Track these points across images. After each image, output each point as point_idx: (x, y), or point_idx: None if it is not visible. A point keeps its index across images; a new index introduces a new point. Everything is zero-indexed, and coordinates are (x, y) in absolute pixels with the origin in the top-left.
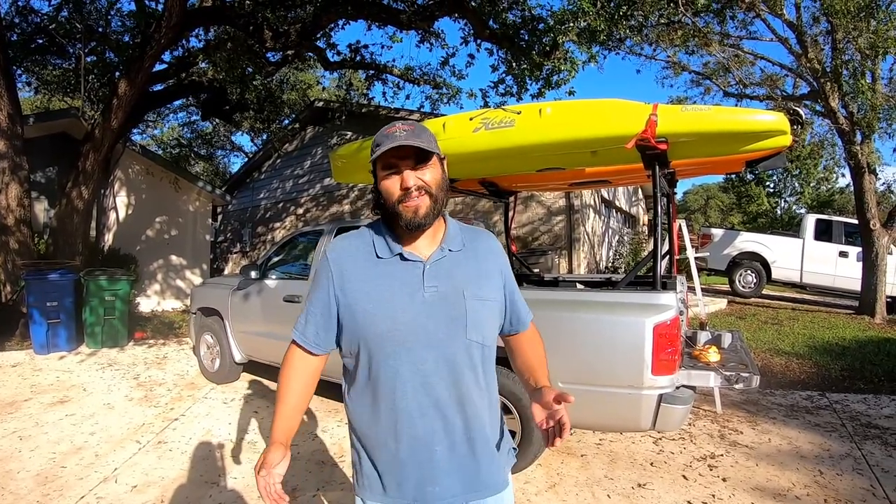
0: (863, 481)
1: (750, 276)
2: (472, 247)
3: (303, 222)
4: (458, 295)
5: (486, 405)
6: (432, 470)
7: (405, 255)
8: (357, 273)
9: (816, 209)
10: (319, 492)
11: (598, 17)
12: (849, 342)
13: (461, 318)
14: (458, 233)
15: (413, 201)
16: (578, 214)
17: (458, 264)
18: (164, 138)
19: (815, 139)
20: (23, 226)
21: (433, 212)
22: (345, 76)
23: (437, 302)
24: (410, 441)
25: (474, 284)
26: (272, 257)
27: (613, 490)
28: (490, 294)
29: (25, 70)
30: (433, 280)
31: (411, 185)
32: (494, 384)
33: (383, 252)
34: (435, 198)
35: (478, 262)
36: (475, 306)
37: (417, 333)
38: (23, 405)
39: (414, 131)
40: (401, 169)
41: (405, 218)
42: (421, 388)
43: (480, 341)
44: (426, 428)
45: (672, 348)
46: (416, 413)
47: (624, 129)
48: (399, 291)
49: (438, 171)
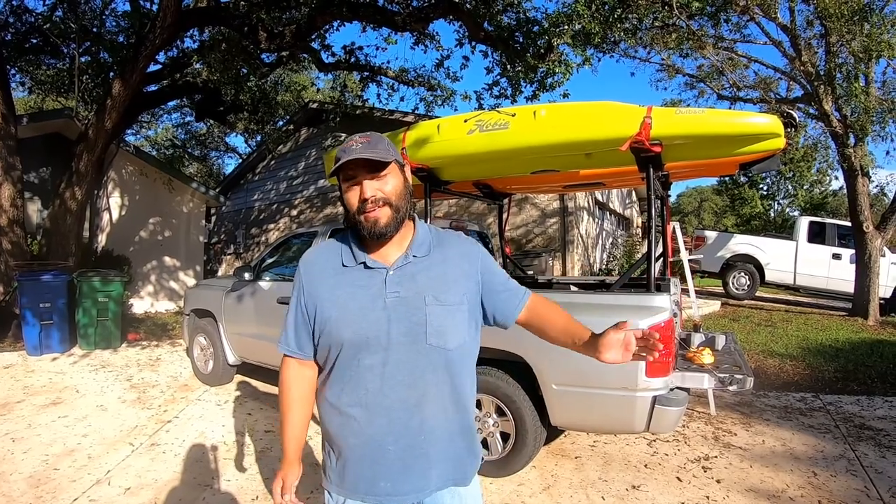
0: (857, 482)
1: (743, 279)
2: (439, 252)
3: (297, 224)
4: (419, 300)
5: (452, 408)
6: (385, 467)
7: (368, 263)
8: (324, 282)
9: (810, 212)
10: (313, 494)
11: (593, 19)
12: (842, 344)
13: (421, 323)
14: (427, 238)
15: (373, 213)
16: (572, 217)
17: (422, 270)
18: (158, 139)
19: (808, 142)
20: (16, 226)
21: (395, 221)
22: (339, 78)
23: (398, 307)
24: (366, 439)
25: (437, 290)
26: (266, 259)
27: (608, 492)
28: (454, 299)
29: (19, 70)
30: (395, 286)
31: (369, 196)
32: (465, 387)
33: (349, 261)
34: (396, 207)
35: (444, 266)
36: (436, 311)
37: (379, 338)
38: (15, 407)
39: (370, 143)
40: (359, 180)
41: (366, 228)
42: (381, 390)
43: (442, 346)
44: (382, 427)
45: (666, 350)
46: (375, 412)
47: (618, 131)
48: (362, 298)
49: (399, 180)
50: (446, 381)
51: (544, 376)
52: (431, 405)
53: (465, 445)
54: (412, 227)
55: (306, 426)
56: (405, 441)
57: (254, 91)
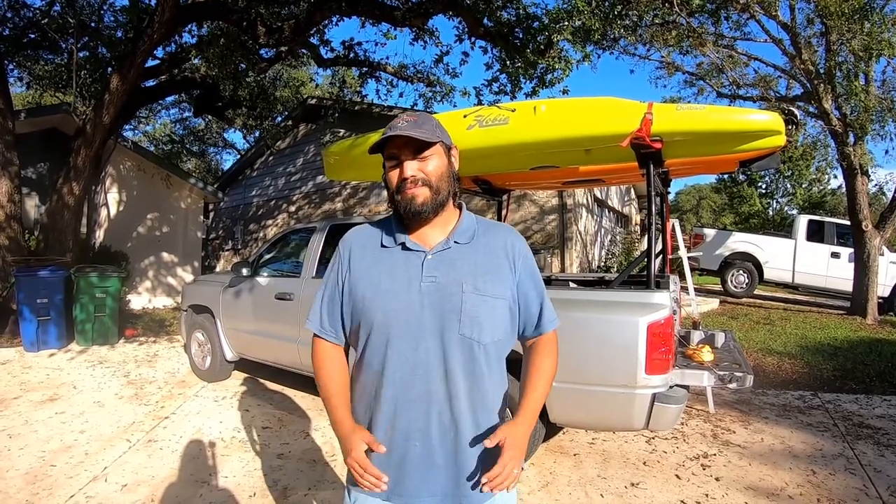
0: (855, 481)
1: (742, 277)
2: (483, 241)
3: (295, 220)
4: (456, 287)
5: (479, 406)
6: (411, 464)
7: (408, 245)
8: (363, 261)
9: (808, 210)
10: (311, 491)
11: (593, 16)
12: (840, 342)
13: (455, 311)
14: (472, 226)
15: (410, 190)
16: (571, 213)
17: (462, 257)
18: (156, 134)
19: (807, 140)
20: (13, 222)
21: (433, 202)
22: (338, 73)
23: (433, 293)
24: (391, 431)
25: (476, 278)
26: (264, 255)
27: (606, 489)
28: (494, 290)
29: (17, 65)
30: (432, 271)
31: (408, 176)
32: (497, 385)
33: (388, 242)
34: (436, 188)
35: (487, 256)
36: (472, 300)
37: (410, 323)
38: (12, 403)
39: (416, 122)
40: (401, 160)
41: (403, 206)
42: (409, 379)
43: (476, 338)
44: (409, 420)
45: (666, 348)
46: (402, 405)
47: (619, 127)
48: (398, 280)
49: (442, 162)
50: (476, 377)
51: None
52: (461, 402)
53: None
54: (458, 214)
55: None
56: (433, 436)
57: (252, 86)
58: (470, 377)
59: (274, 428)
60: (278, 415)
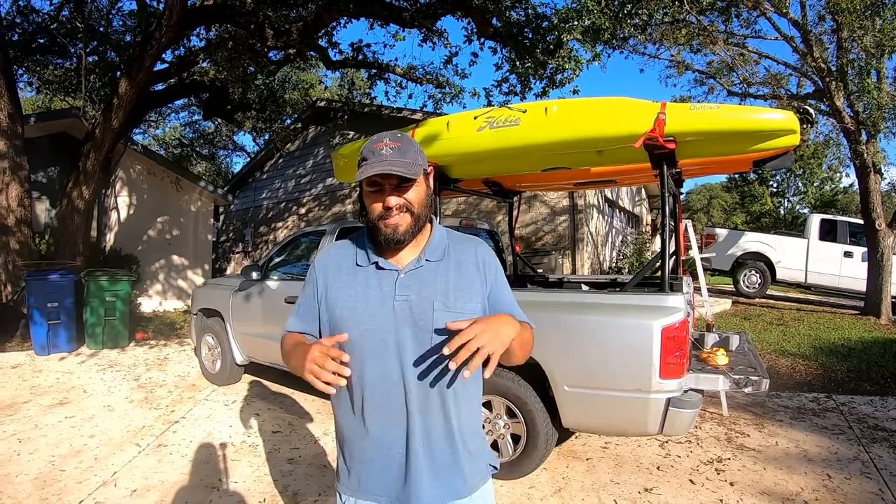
0: (871, 485)
1: (754, 277)
2: (455, 257)
3: (305, 222)
4: (427, 305)
5: (454, 417)
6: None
7: (381, 265)
8: (338, 280)
9: (820, 209)
10: (321, 496)
11: (603, 15)
12: (854, 343)
13: (428, 328)
14: (443, 242)
15: (393, 219)
16: (582, 214)
17: (434, 274)
18: (165, 138)
19: (819, 138)
20: (23, 226)
21: (413, 229)
22: (347, 75)
23: (405, 311)
24: (372, 441)
25: (447, 295)
26: (273, 258)
27: (620, 495)
28: (465, 306)
29: (26, 70)
30: (404, 290)
31: (393, 205)
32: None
33: (362, 261)
34: (417, 216)
35: (458, 272)
36: (443, 317)
37: (386, 340)
38: (22, 407)
39: (400, 148)
40: (384, 188)
41: (384, 234)
42: (386, 393)
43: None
44: (387, 432)
45: (680, 351)
46: (380, 416)
47: (632, 127)
48: (372, 299)
49: (422, 189)
50: (449, 389)
51: (556, 378)
52: (435, 412)
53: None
54: (429, 229)
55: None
56: (410, 447)
57: (261, 89)
58: (443, 391)
59: (284, 432)
60: (288, 419)
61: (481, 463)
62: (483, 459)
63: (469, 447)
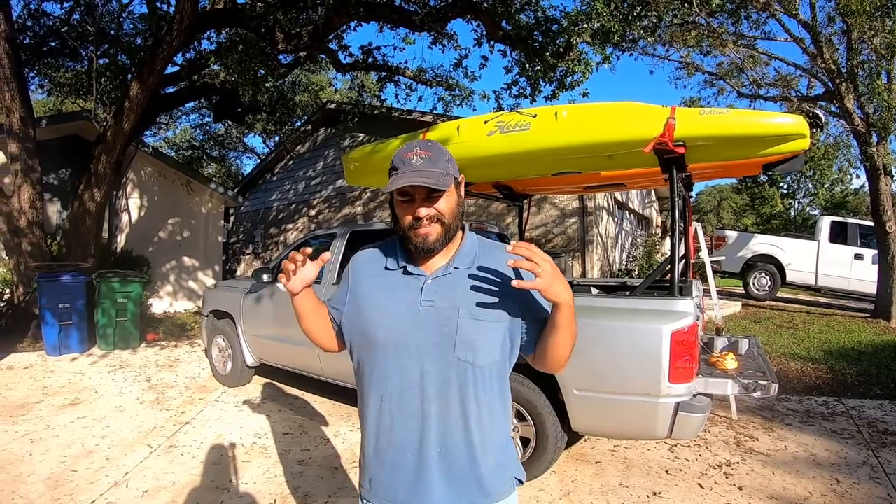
0: (880, 490)
1: (764, 279)
2: (484, 265)
3: (315, 224)
4: (452, 312)
5: (476, 425)
6: (403, 475)
7: (409, 270)
8: (369, 281)
9: (830, 210)
10: (331, 498)
11: (612, 17)
12: (864, 347)
13: (451, 335)
14: (473, 249)
15: (423, 229)
16: (592, 216)
17: (461, 282)
18: (176, 140)
19: (829, 140)
20: (35, 228)
21: (444, 238)
22: (357, 78)
23: (430, 316)
24: (387, 444)
25: (473, 303)
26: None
27: (628, 498)
28: (490, 314)
29: (38, 73)
30: (431, 295)
31: (423, 216)
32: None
33: (392, 265)
34: (447, 225)
35: (486, 281)
36: (467, 325)
37: (409, 344)
38: (34, 407)
39: (431, 158)
40: (415, 198)
41: (415, 243)
42: (405, 397)
43: (470, 361)
44: (403, 435)
45: (689, 356)
46: (398, 418)
47: (642, 132)
48: (398, 303)
49: (453, 198)
50: (472, 397)
51: (566, 381)
52: (454, 420)
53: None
54: (460, 237)
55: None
56: (424, 452)
57: (271, 92)
58: (464, 398)
59: (294, 434)
60: (299, 420)
61: (505, 475)
62: (508, 472)
63: (491, 459)
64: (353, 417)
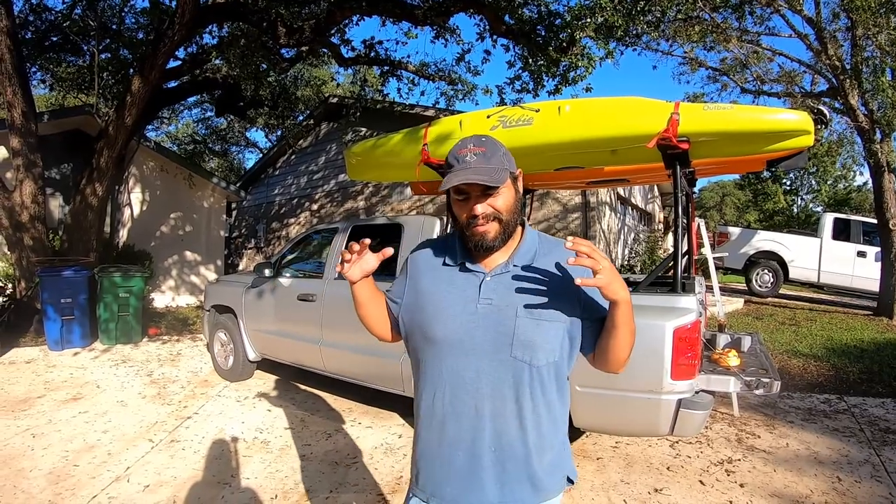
0: (881, 489)
1: (767, 276)
2: (543, 262)
3: (317, 218)
4: (510, 311)
5: (531, 426)
6: (454, 473)
7: (468, 266)
8: (427, 276)
9: (833, 207)
10: (333, 493)
11: (616, 12)
12: (867, 344)
13: (508, 334)
14: (533, 247)
15: (481, 227)
16: (594, 212)
17: (520, 280)
18: (178, 135)
19: (833, 137)
20: (37, 222)
21: (502, 235)
22: (359, 72)
23: (488, 315)
24: (439, 439)
25: (532, 302)
26: (286, 255)
27: (630, 495)
28: (550, 314)
29: (40, 67)
30: (489, 293)
31: (479, 214)
32: (553, 406)
33: (451, 260)
34: (505, 222)
35: (546, 278)
36: (526, 324)
37: (464, 342)
38: (36, 402)
39: (485, 154)
40: (470, 196)
41: (473, 241)
42: (459, 394)
43: (527, 361)
44: (456, 433)
45: (692, 353)
46: (450, 415)
47: (645, 127)
48: (456, 300)
49: (510, 194)
50: (528, 397)
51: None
52: (509, 420)
53: (544, 466)
54: (520, 233)
55: (377, 300)
56: (476, 451)
57: (274, 86)
58: (520, 398)
59: (296, 429)
60: (300, 415)
61: (558, 475)
62: (562, 472)
63: (546, 459)
64: (354, 412)
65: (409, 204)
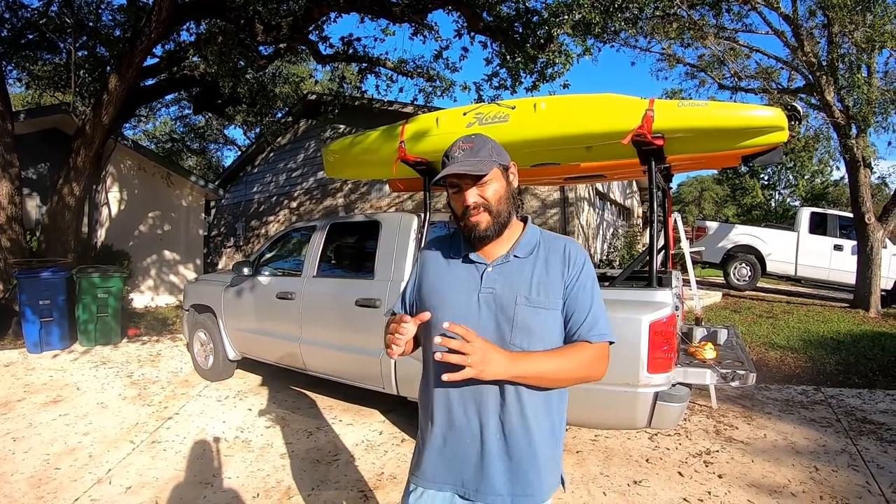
0: (858, 477)
1: (745, 269)
2: (542, 254)
3: (297, 216)
4: (511, 299)
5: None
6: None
7: (470, 258)
8: (433, 269)
9: (810, 202)
10: (314, 491)
11: (593, 9)
12: (843, 336)
13: (509, 322)
14: (534, 239)
15: (473, 217)
16: (573, 207)
17: (521, 270)
18: (156, 133)
19: (809, 132)
20: (14, 223)
21: (494, 224)
22: (337, 69)
23: (490, 303)
24: (443, 428)
25: (531, 290)
26: (265, 253)
27: (609, 487)
28: (547, 302)
29: (16, 65)
30: (491, 283)
31: (470, 204)
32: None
33: (455, 253)
34: (496, 212)
35: (545, 268)
36: (525, 312)
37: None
38: (16, 405)
39: (472, 149)
40: (462, 188)
41: (468, 231)
42: (464, 384)
43: (527, 348)
44: (463, 422)
45: (668, 346)
46: (455, 403)
47: (620, 124)
48: (460, 290)
49: (500, 184)
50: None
51: None
52: (511, 408)
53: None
54: (522, 228)
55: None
56: (485, 438)
57: (252, 83)
58: (519, 387)
59: (277, 427)
60: (281, 414)
61: (557, 469)
62: (559, 466)
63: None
64: (335, 410)
65: (388, 201)
